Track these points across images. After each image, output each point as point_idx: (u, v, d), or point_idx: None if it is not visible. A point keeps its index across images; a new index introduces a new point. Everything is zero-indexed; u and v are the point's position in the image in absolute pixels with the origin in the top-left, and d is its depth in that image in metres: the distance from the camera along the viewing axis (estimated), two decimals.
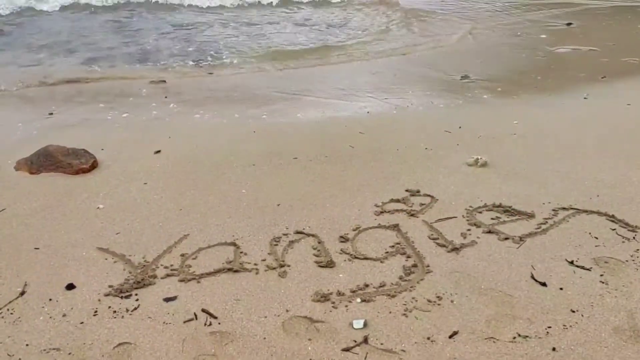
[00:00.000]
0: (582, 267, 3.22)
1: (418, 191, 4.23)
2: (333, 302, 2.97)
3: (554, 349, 2.61)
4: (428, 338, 2.70)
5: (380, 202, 4.08)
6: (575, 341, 2.65)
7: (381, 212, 3.94)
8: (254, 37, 10.45)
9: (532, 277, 3.15)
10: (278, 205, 4.07)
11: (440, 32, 10.85)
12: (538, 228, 3.67)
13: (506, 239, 3.55)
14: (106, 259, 3.43)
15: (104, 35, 10.35)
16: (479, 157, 4.67)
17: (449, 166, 4.67)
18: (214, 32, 10.73)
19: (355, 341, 2.69)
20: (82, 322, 2.85)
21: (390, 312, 2.88)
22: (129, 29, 10.84)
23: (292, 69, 8.70)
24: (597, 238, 3.52)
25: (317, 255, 3.42)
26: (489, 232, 3.64)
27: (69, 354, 2.65)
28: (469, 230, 3.68)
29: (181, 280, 3.19)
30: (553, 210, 3.89)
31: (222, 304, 2.98)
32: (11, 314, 2.94)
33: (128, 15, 11.69)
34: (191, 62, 9.02)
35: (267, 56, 9.40)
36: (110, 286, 3.15)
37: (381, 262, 3.34)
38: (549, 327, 2.75)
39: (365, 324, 2.79)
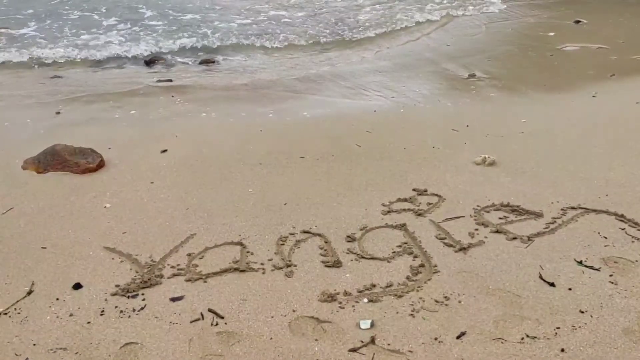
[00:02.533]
0: (591, 267, 3.19)
1: (425, 190, 4.21)
2: (340, 302, 2.96)
3: (562, 350, 2.59)
4: (435, 339, 2.69)
5: (388, 202, 4.06)
6: (584, 342, 2.63)
7: (388, 212, 3.93)
8: (260, 36, 10.44)
9: (541, 277, 3.12)
10: (285, 204, 4.06)
11: (448, 30, 10.81)
12: (546, 227, 3.64)
13: (514, 238, 3.53)
14: (113, 259, 3.43)
15: (110, 35, 10.37)
16: (487, 156, 4.65)
17: (456, 165, 4.64)
18: (222, 31, 10.72)
19: (362, 341, 2.68)
20: (88, 322, 2.86)
21: (397, 313, 2.87)
22: (136, 27, 10.85)
23: (299, 66, 8.69)
24: (606, 238, 3.49)
25: (323, 255, 3.41)
26: (497, 231, 3.62)
27: (76, 353, 2.65)
28: (476, 229, 3.65)
29: (188, 280, 3.19)
30: (562, 209, 3.86)
31: (228, 304, 2.98)
32: (18, 313, 2.95)
33: (134, 14, 11.71)
34: (198, 61, 9.02)
35: (273, 55, 9.39)
36: (117, 286, 3.15)
37: (388, 262, 3.33)
38: (558, 327, 2.73)
39: (372, 324, 2.78)
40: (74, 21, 11.03)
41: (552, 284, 3.06)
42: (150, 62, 8.94)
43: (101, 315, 2.91)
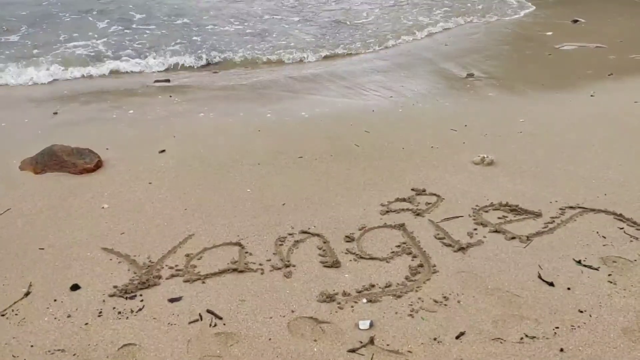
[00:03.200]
0: (590, 267, 3.19)
1: (424, 190, 4.21)
2: (339, 303, 2.95)
3: (561, 350, 2.58)
4: (434, 339, 2.68)
5: (386, 202, 4.06)
6: (583, 342, 2.63)
7: (387, 212, 3.92)
8: (259, 35, 10.43)
9: (540, 276, 3.12)
10: (283, 204, 4.05)
11: (447, 30, 10.82)
12: (545, 227, 3.64)
13: (513, 238, 3.53)
14: (111, 259, 3.42)
15: (109, 35, 10.35)
16: (485, 156, 4.64)
17: (455, 165, 4.64)
18: (220, 31, 10.71)
19: (361, 342, 2.67)
20: (86, 323, 2.85)
21: (396, 313, 2.87)
22: (134, 26, 10.84)
23: (297, 66, 8.68)
24: (604, 237, 3.49)
25: (322, 255, 3.40)
26: (496, 231, 3.61)
27: (74, 355, 2.64)
28: (475, 229, 3.65)
29: (186, 281, 3.18)
30: (560, 209, 3.86)
31: (227, 305, 2.97)
32: (16, 314, 2.93)
33: (133, 16, 11.69)
34: (196, 61, 9.01)
35: (273, 55, 9.38)
36: (114, 287, 3.14)
37: (387, 262, 3.32)
38: (557, 327, 2.73)
39: (371, 325, 2.77)
40: (67, 25, 10.96)
41: (551, 284, 3.06)
42: (148, 62, 8.91)
43: (99, 316, 2.90)
